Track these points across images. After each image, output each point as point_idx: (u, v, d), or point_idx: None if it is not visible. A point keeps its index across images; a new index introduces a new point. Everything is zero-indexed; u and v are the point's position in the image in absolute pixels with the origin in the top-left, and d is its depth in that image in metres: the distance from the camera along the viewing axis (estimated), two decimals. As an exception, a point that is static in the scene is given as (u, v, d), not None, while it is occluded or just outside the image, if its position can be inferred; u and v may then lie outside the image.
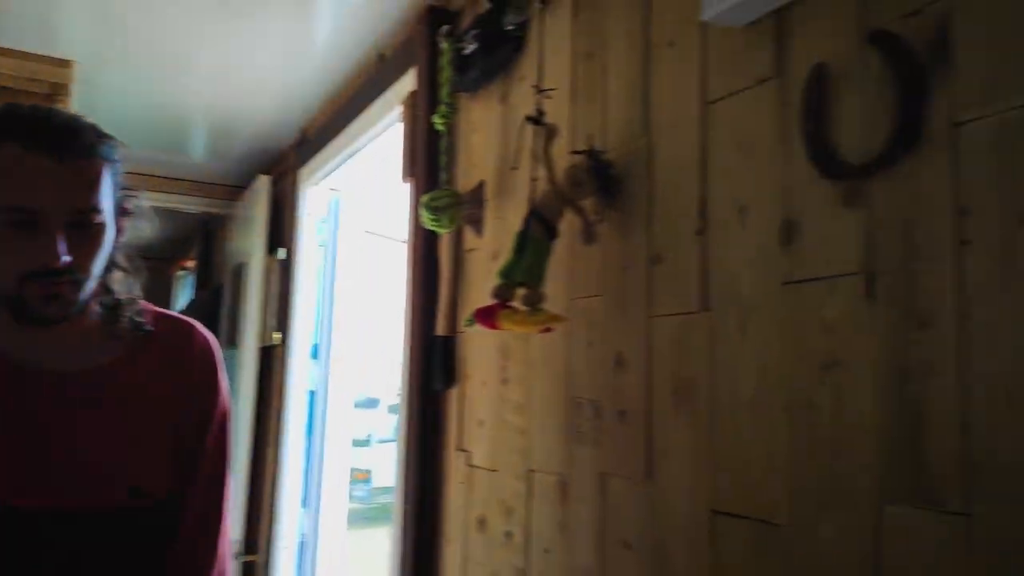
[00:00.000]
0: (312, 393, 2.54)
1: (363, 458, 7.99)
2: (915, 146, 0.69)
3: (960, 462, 0.64)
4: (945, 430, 0.66)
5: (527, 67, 1.35)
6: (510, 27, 1.35)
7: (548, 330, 1.10)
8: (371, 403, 8.82)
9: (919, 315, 0.68)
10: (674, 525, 0.94)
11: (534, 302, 1.06)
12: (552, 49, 1.28)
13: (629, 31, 1.10)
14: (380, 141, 2.04)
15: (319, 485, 2.47)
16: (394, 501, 1.65)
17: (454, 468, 1.49)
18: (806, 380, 0.78)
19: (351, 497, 2.69)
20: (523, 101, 1.33)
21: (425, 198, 1.44)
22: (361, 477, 7.97)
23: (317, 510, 2.46)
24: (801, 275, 0.80)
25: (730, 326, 0.88)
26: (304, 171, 2.51)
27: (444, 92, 1.53)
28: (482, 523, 1.37)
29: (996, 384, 0.62)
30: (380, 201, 2.59)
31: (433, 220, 1.43)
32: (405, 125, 1.71)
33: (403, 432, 1.61)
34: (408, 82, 1.71)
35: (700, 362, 0.92)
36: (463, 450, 1.46)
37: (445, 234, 1.54)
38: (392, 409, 8.56)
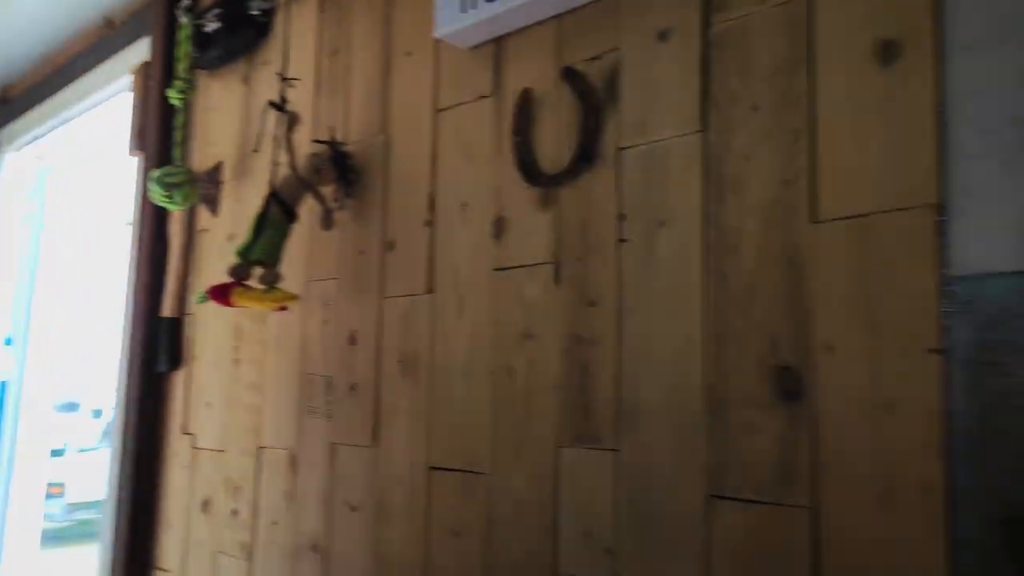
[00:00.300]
0: (3, 385, 2.25)
1: (57, 470, 7.02)
2: (592, 163, 0.88)
3: (613, 410, 0.83)
4: (604, 386, 0.84)
5: (272, 53, 1.37)
6: (255, 12, 1.37)
7: (283, 309, 1.15)
8: (71, 407, 7.78)
9: (590, 296, 0.87)
10: (396, 484, 1.05)
11: (270, 281, 1.11)
12: (298, 40, 1.32)
13: (372, 35, 1.19)
14: (102, 110, 1.89)
15: (5, 496, 2.18)
16: (107, 489, 1.55)
17: (177, 452, 1.46)
18: (508, 349, 0.94)
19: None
20: (266, 86, 1.36)
21: (157, 173, 1.40)
22: (55, 492, 7.01)
23: (2, 526, 2.17)
24: (507, 263, 0.95)
25: (449, 305, 1.01)
26: (4, 135, 2.22)
27: (181, 67, 1.49)
28: (207, 504, 1.37)
29: (639, 348, 0.82)
30: (98, 175, 2.37)
31: (165, 197, 1.39)
32: (135, 96, 1.63)
33: (120, 417, 1.53)
34: (140, 52, 1.63)
35: (423, 337, 1.04)
36: (188, 433, 1.44)
37: (177, 212, 1.50)
38: (96, 413, 7.65)
